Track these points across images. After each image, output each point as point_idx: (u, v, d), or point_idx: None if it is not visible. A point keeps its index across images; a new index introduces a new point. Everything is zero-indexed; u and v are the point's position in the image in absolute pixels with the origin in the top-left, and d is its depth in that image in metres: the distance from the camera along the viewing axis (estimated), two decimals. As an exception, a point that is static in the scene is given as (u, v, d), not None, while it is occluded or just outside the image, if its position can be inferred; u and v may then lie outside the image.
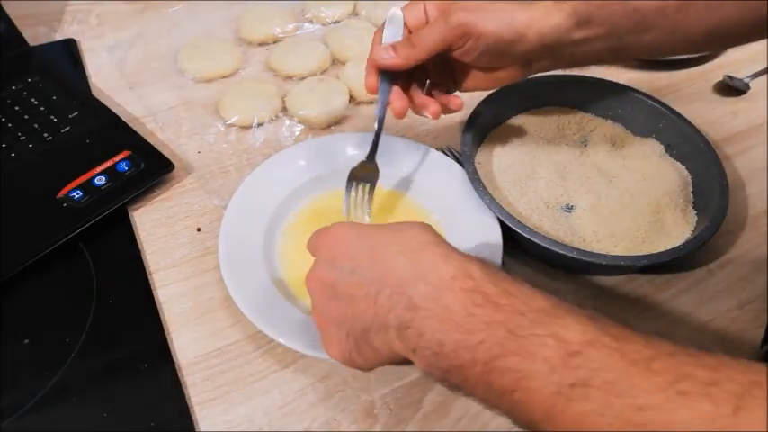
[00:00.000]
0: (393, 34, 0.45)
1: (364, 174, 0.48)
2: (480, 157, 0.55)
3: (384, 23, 0.47)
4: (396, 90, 0.46)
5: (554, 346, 0.27)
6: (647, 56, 0.46)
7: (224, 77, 0.66)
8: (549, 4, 0.43)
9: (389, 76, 0.46)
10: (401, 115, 0.46)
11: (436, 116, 0.47)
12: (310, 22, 0.73)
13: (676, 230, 0.50)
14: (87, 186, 0.52)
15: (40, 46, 0.69)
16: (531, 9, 0.43)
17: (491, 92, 0.54)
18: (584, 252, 0.45)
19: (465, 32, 0.42)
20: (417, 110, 0.48)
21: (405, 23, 0.46)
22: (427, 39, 0.43)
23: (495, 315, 0.29)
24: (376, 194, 0.49)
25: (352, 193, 0.48)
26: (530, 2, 0.44)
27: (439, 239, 0.34)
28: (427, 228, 0.35)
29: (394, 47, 0.44)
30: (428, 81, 0.49)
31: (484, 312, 0.29)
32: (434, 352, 0.30)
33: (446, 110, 0.48)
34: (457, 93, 0.49)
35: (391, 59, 0.44)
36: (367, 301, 0.33)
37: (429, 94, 0.49)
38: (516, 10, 0.43)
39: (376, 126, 0.47)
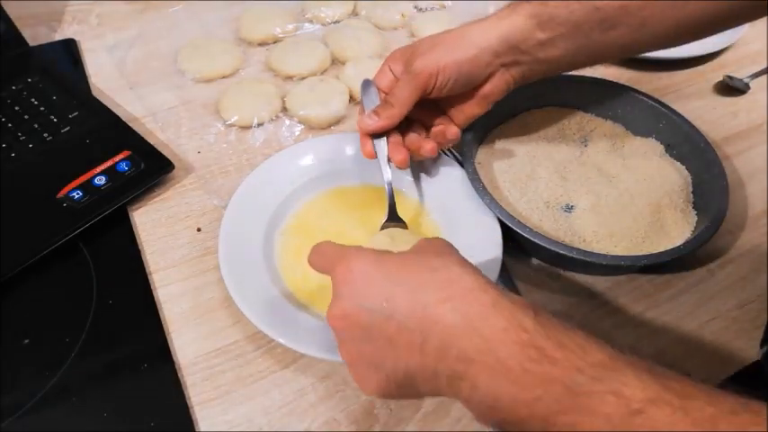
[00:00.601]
0: (371, 101, 0.49)
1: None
2: (480, 157, 0.55)
3: (360, 96, 0.50)
4: (392, 144, 0.49)
5: (615, 403, 0.27)
6: (623, 53, 0.48)
7: (224, 77, 0.66)
8: (504, 12, 0.46)
9: (381, 137, 0.49)
10: (404, 165, 0.49)
11: (434, 153, 0.49)
12: (310, 21, 0.73)
13: (676, 230, 0.50)
14: (87, 186, 0.52)
15: (40, 46, 0.69)
16: (486, 20, 0.46)
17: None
18: (585, 252, 0.45)
19: (430, 74, 0.45)
20: (416, 153, 0.49)
21: (378, 88, 0.50)
22: (401, 94, 0.46)
23: (551, 371, 0.28)
24: (376, 193, 0.49)
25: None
26: (484, 18, 0.46)
27: (480, 281, 0.31)
28: (461, 263, 0.33)
29: (376, 111, 0.47)
30: (425, 131, 0.51)
31: (540, 368, 0.28)
32: (490, 405, 0.29)
33: (445, 141, 0.50)
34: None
35: (375, 123, 0.47)
36: (410, 349, 0.31)
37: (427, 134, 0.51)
38: (470, 28, 0.46)
39: (387, 188, 0.49)
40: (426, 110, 0.50)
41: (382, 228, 0.48)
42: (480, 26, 0.46)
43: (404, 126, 0.49)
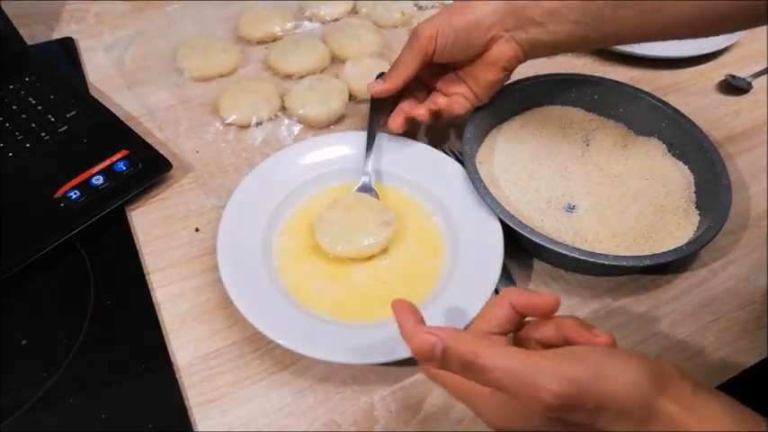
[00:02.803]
0: None
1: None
2: (481, 157, 0.55)
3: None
4: (397, 110, 0.53)
5: None
6: (634, 37, 0.46)
7: (222, 76, 0.66)
8: None
9: (381, 106, 0.54)
10: (396, 129, 0.53)
11: (424, 117, 0.51)
12: (309, 20, 0.72)
13: (679, 230, 0.49)
14: (85, 186, 0.52)
15: (38, 45, 0.69)
16: None
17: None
18: (587, 252, 0.45)
19: (429, 36, 0.47)
20: (412, 116, 0.52)
21: None
22: (403, 58, 0.49)
23: None
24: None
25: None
26: None
27: None
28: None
29: (383, 77, 0.51)
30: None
31: None
32: None
33: (447, 109, 0.52)
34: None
35: (381, 86, 0.51)
36: None
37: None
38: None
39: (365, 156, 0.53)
40: (447, 81, 0.52)
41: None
42: None
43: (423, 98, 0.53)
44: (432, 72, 0.52)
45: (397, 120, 0.52)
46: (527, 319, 0.34)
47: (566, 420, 0.28)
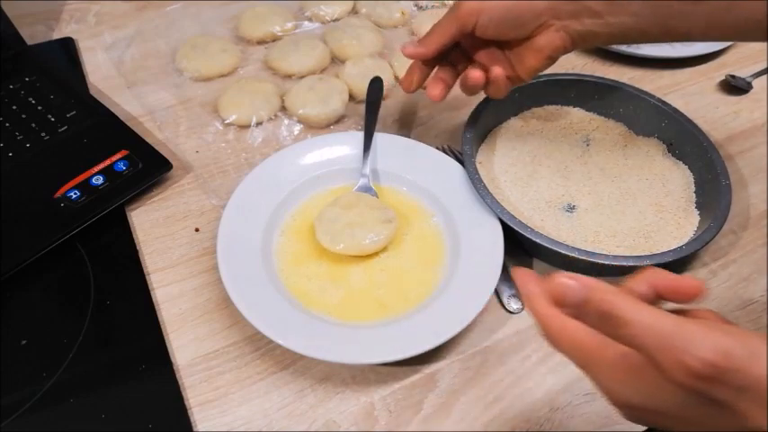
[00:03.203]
0: None
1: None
2: (481, 157, 0.55)
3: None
4: (434, 79, 0.51)
5: None
6: (704, 35, 0.42)
7: (222, 76, 0.66)
8: None
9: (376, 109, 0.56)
10: (437, 98, 0.50)
11: (479, 80, 0.48)
12: (309, 20, 0.72)
13: (679, 230, 0.50)
14: (85, 186, 0.52)
15: (38, 45, 0.69)
16: None
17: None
18: (587, 252, 0.45)
19: (470, 11, 0.45)
20: (462, 84, 0.50)
21: None
22: (439, 26, 0.47)
23: None
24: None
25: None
26: None
27: None
28: None
29: (419, 40, 0.49)
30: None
31: None
32: None
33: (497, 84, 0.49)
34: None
35: (414, 49, 0.49)
36: None
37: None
38: None
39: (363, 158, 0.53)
40: (489, 55, 0.49)
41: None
42: None
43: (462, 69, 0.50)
44: (474, 43, 0.49)
45: (436, 88, 0.50)
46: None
47: (703, 396, 0.25)
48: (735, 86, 0.67)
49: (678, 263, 0.49)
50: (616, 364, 0.27)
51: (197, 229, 0.52)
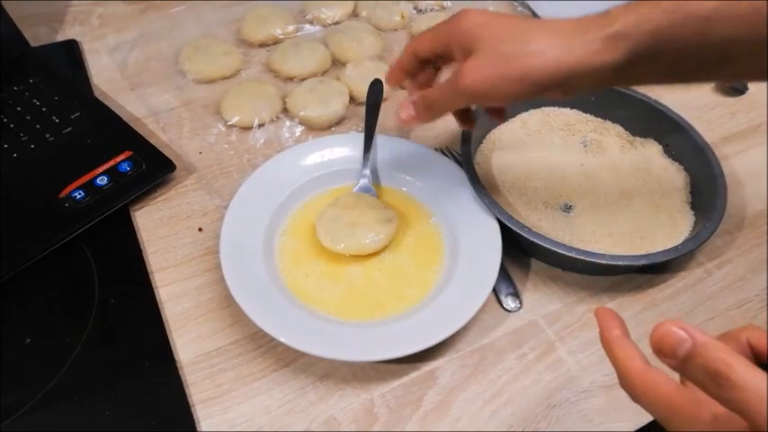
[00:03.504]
0: None
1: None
2: (479, 158, 0.55)
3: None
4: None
5: None
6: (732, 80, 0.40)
7: (225, 78, 0.66)
8: (590, 38, 0.34)
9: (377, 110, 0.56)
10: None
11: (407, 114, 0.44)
12: (311, 23, 0.73)
13: (675, 230, 0.50)
14: (89, 186, 0.52)
15: (42, 47, 0.69)
16: (559, 37, 0.35)
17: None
18: (583, 252, 0.45)
19: (476, 94, 0.38)
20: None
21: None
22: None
23: None
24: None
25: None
26: (555, 23, 0.36)
27: None
28: None
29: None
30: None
31: None
32: None
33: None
34: None
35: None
36: None
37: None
38: (540, 38, 0.35)
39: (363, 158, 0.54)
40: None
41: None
42: (554, 49, 0.35)
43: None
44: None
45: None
46: None
47: None
48: (731, 88, 0.67)
49: (674, 262, 0.49)
50: (713, 426, 0.25)
51: (200, 229, 0.53)
